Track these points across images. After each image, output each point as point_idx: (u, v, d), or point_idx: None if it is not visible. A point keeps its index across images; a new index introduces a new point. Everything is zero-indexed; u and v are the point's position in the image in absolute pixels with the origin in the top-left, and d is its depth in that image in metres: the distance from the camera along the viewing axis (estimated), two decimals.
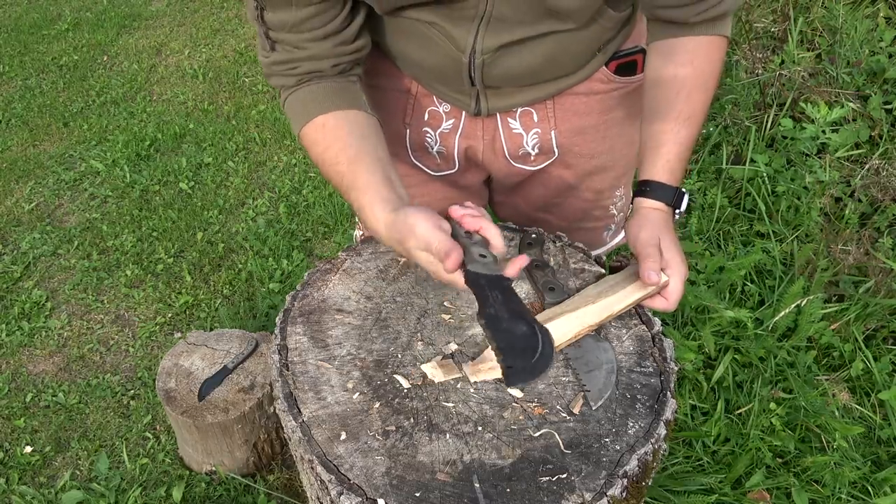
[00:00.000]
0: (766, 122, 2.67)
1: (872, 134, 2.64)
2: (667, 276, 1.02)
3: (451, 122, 1.26)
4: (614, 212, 1.45)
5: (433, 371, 0.96)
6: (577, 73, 1.19)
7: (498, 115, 1.24)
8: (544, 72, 1.15)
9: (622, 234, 1.51)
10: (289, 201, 2.99)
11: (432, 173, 1.35)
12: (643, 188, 1.10)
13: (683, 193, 1.10)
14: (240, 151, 3.34)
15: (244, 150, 3.35)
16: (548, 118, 1.24)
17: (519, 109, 1.23)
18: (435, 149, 1.30)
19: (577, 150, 1.29)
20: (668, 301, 1.03)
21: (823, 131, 2.50)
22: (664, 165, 1.08)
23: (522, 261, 0.96)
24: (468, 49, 1.07)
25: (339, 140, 1.07)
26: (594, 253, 1.27)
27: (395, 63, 1.22)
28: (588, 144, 1.29)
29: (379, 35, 1.17)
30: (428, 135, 1.28)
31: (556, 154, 1.29)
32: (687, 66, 1.08)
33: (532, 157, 1.29)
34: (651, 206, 1.09)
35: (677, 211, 1.10)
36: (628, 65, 1.22)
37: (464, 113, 1.24)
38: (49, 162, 3.32)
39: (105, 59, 4.24)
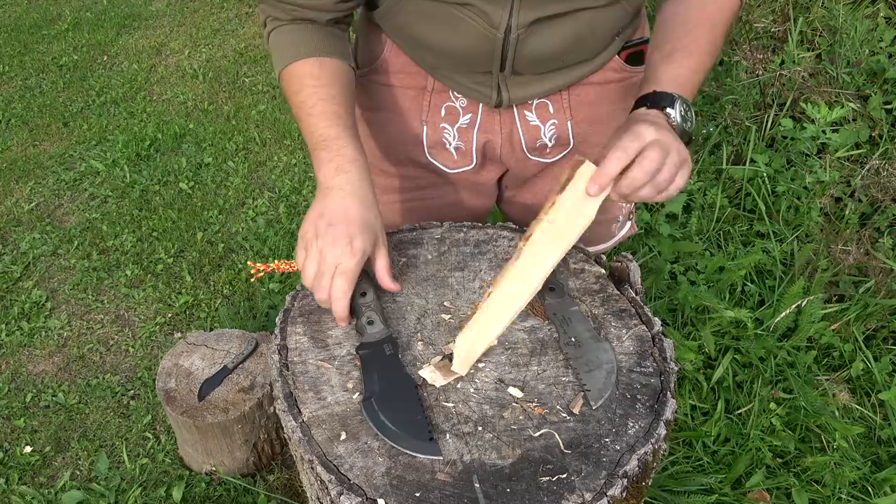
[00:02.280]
0: (766, 122, 2.67)
1: (872, 134, 2.64)
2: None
3: (468, 116, 1.26)
4: (622, 203, 1.44)
5: (432, 375, 0.96)
6: (595, 59, 1.19)
7: (515, 107, 1.24)
8: (570, 54, 1.14)
9: (629, 225, 1.52)
10: (289, 201, 2.99)
11: (448, 170, 1.34)
12: (635, 105, 1.05)
13: (677, 98, 1.02)
14: (240, 151, 3.34)
15: (244, 150, 3.35)
16: (563, 109, 1.25)
17: (535, 101, 1.23)
18: (453, 145, 1.30)
19: (592, 141, 1.30)
20: (599, 176, 0.92)
21: (823, 131, 2.50)
22: (663, 81, 1.05)
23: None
24: (503, 25, 1.06)
25: (325, 87, 1.08)
26: (603, 246, 1.27)
27: (411, 54, 1.21)
28: (602, 134, 1.29)
29: (398, 23, 1.15)
30: (446, 131, 1.28)
31: (572, 145, 1.30)
32: (697, 11, 1.09)
33: (548, 149, 1.30)
34: (631, 116, 1.03)
35: (668, 111, 1.01)
36: (637, 54, 1.23)
37: (481, 106, 1.24)
38: (49, 162, 3.32)
39: (105, 59, 4.24)
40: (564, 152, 1.31)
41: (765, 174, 2.51)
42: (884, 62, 2.77)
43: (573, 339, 1.00)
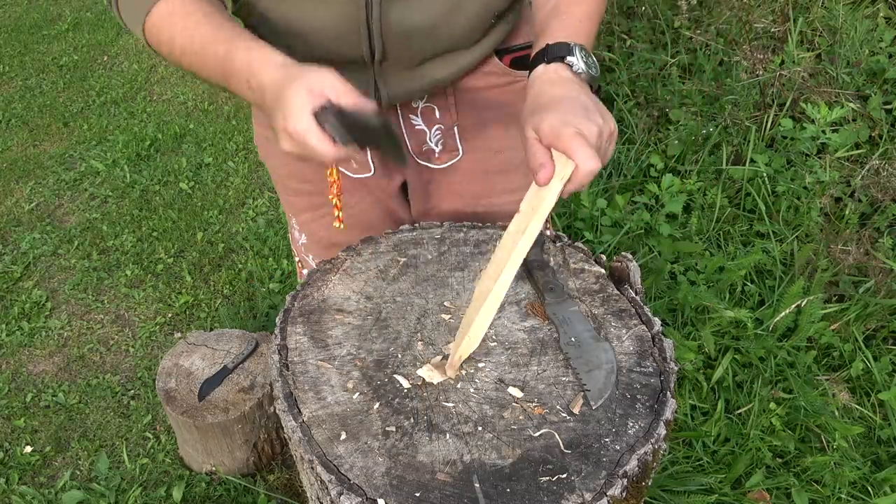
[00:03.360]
0: (766, 122, 2.67)
1: (872, 134, 2.63)
2: (562, 158, 0.86)
3: None
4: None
5: (430, 374, 0.96)
6: (473, 49, 1.16)
7: (399, 110, 1.23)
8: (440, 29, 1.08)
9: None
10: None
11: (353, 175, 1.33)
12: (531, 65, 0.98)
13: (574, 45, 0.95)
14: (240, 151, 3.34)
15: (244, 150, 3.35)
16: (449, 114, 1.24)
17: (420, 105, 1.23)
18: None
19: (483, 145, 1.28)
20: (579, 176, 0.85)
21: (823, 131, 2.50)
22: (555, 33, 0.97)
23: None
24: None
25: (195, 14, 0.97)
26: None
27: (281, 47, 1.10)
28: (493, 138, 1.28)
29: (263, 8, 1.07)
30: None
31: (462, 152, 1.29)
32: None
33: (437, 154, 1.29)
34: (532, 78, 0.96)
35: (569, 60, 0.94)
36: (523, 58, 1.18)
37: None
38: (49, 162, 3.32)
39: (105, 59, 4.24)
40: (454, 160, 1.29)
41: (765, 174, 2.50)
42: (884, 62, 2.77)
43: (573, 339, 1.00)
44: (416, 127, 1.25)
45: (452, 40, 1.13)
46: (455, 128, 1.26)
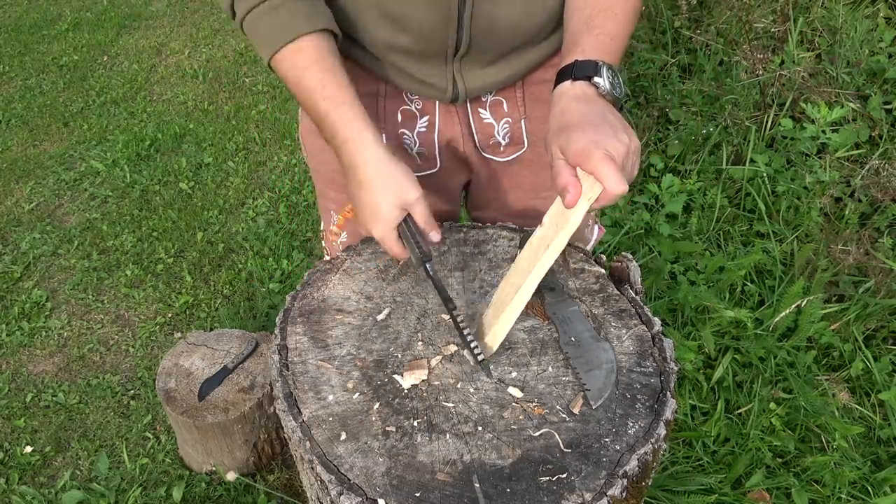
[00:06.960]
0: (766, 122, 2.67)
1: (872, 134, 2.63)
2: (589, 178, 0.87)
3: (425, 119, 1.24)
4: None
5: (410, 379, 0.96)
6: (547, 41, 1.17)
7: (468, 105, 1.23)
8: (523, 22, 1.10)
9: (597, 229, 1.48)
10: (289, 201, 2.99)
11: (415, 173, 1.33)
12: (557, 79, 0.99)
13: (602, 65, 0.96)
14: (240, 151, 3.34)
15: (244, 150, 3.35)
16: (517, 107, 1.25)
17: (489, 99, 1.23)
18: (415, 150, 1.28)
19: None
20: (607, 198, 0.87)
21: (823, 131, 2.50)
22: (586, 49, 0.98)
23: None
24: None
25: (327, 67, 1.05)
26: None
27: (366, 41, 1.15)
28: None
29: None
30: (406, 136, 1.27)
31: (526, 145, 1.29)
32: None
33: (502, 148, 1.29)
34: (557, 93, 0.97)
35: (596, 80, 0.95)
36: None
37: (437, 105, 1.23)
38: (49, 162, 3.32)
39: (105, 59, 4.24)
40: (519, 152, 1.30)
41: (765, 174, 2.50)
42: (884, 62, 2.77)
43: (573, 339, 1.00)
44: (485, 121, 1.25)
45: (532, 31, 1.13)
46: (523, 121, 1.26)
